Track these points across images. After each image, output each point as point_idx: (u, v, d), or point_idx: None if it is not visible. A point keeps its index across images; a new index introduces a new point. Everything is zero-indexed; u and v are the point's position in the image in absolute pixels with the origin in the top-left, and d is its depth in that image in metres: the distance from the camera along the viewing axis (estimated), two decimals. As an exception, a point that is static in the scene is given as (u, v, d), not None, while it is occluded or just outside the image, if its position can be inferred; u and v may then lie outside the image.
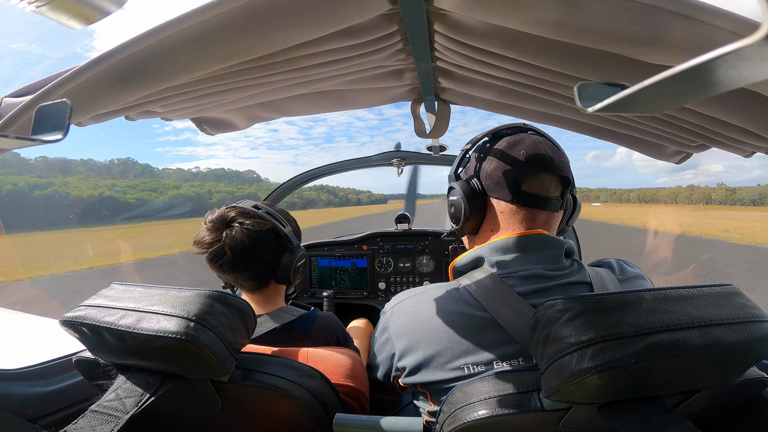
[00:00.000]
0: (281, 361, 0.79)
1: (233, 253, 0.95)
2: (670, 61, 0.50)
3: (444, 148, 1.76)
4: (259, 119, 1.15)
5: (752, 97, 0.62)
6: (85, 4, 0.37)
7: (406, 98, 1.04)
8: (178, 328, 0.65)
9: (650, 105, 0.30)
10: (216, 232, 0.96)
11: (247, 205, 1.02)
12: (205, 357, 0.66)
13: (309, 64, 0.75)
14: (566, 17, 0.49)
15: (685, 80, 0.23)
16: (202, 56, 0.60)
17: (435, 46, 0.73)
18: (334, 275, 2.15)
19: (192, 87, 0.78)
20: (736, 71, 0.21)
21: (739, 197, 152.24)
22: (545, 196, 0.83)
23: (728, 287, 0.61)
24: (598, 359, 0.52)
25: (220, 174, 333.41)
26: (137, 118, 0.93)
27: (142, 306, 0.70)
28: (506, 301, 0.74)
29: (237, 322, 0.74)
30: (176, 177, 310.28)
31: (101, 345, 0.73)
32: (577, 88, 0.35)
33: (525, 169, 0.82)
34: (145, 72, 0.60)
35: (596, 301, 0.57)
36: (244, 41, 0.58)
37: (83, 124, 0.81)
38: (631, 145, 1.04)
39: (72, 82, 0.57)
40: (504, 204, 0.85)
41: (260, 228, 0.98)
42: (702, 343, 0.52)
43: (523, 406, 0.62)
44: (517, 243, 0.81)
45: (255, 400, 0.77)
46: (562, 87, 0.76)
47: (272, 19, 0.54)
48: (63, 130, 0.44)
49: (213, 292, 0.72)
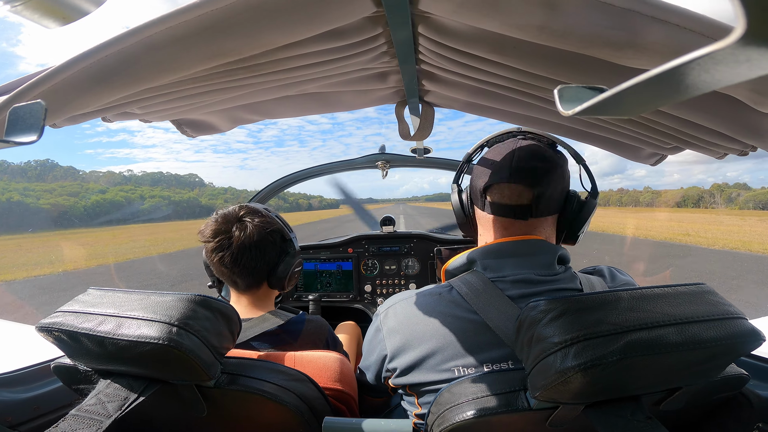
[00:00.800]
0: (268, 366, 0.78)
1: (239, 247, 0.98)
2: (647, 65, 0.52)
3: (428, 151, 1.77)
4: (242, 121, 1.13)
5: (724, 100, 0.64)
6: (62, 3, 0.36)
7: (391, 101, 1.05)
8: (160, 334, 0.63)
9: (627, 108, 0.31)
10: (226, 224, 0.99)
11: (257, 206, 1.07)
12: (189, 362, 0.65)
13: (293, 66, 0.75)
14: (549, 21, 0.50)
15: (660, 83, 0.24)
16: (183, 57, 0.59)
17: (419, 49, 0.74)
18: (320, 278, 2.13)
19: (173, 88, 0.76)
20: (709, 75, 0.21)
21: (665, 199, 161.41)
22: (511, 204, 0.83)
23: (702, 286, 0.63)
24: (581, 357, 0.53)
25: (157, 178, 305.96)
26: (115, 120, 0.91)
27: (122, 311, 0.68)
28: (496, 305, 0.75)
29: (221, 326, 0.72)
30: (106, 181, 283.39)
31: (80, 351, 0.71)
32: (557, 91, 0.36)
33: (489, 177, 0.84)
34: (124, 73, 0.59)
35: (577, 301, 0.59)
36: (227, 42, 0.57)
37: (58, 125, 0.78)
38: (609, 148, 1.07)
39: (47, 82, 0.55)
40: (482, 213, 0.88)
41: (269, 228, 1.02)
42: (679, 340, 0.54)
43: (510, 406, 0.63)
44: (509, 247, 0.82)
45: (242, 405, 0.76)
46: (543, 90, 0.77)
47: (256, 20, 0.54)
48: (37, 131, 0.43)
49: (196, 296, 0.71)
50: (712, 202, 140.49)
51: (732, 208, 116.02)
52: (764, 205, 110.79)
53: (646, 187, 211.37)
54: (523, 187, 0.82)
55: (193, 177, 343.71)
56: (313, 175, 2.15)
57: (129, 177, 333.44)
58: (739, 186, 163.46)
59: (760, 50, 0.17)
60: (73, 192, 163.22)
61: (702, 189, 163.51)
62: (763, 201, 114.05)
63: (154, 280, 11.31)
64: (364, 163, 2.04)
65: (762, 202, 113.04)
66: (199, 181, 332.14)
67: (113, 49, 0.55)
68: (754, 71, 0.20)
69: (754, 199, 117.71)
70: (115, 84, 0.60)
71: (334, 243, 2.15)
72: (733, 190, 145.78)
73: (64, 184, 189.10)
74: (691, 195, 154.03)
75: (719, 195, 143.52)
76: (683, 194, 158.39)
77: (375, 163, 2.01)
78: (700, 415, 0.83)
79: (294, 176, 2.14)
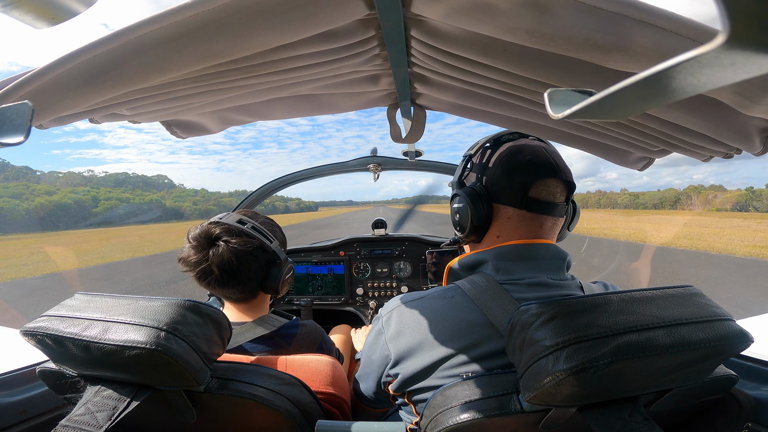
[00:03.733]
0: (260, 370, 0.77)
1: (221, 272, 0.95)
2: (635, 68, 0.53)
3: (420, 154, 1.78)
4: (233, 123, 1.12)
5: (710, 103, 0.65)
6: (51, 4, 0.36)
7: (382, 103, 1.05)
8: (148, 338, 0.62)
9: (615, 111, 0.31)
10: (202, 251, 0.95)
11: (231, 221, 1.00)
12: (177, 367, 0.64)
13: (285, 68, 0.74)
14: (539, 24, 0.50)
15: (647, 87, 0.24)
16: (173, 58, 0.58)
17: (411, 52, 0.74)
18: (312, 281, 2.12)
19: (163, 90, 0.76)
20: (695, 78, 0.22)
21: (642, 201, 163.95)
22: (552, 201, 0.83)
23: (690, 288, 0.64)
24: (573, 361, 0.53)
25: (121, 179, 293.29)
26: (103, 121, 0.89)
27: (109, 316, 0.67)
28: (505, 308, 0.73)
29: (211, 331, 0.72)
30: (64, 182, 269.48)
31: (65, 356, 0.69)
32: (547, 94, 0.37)
33: (532, 174, 0.82)
34: (113, 73, 0.58)
35: (568, 304, 0.59)
36: (218, 43, 0.57)
37: (44, 126, 0.77)
38: (597, 152, 1.08)
39: (34, 82, 0.54)
40: (512, 210, 0.84)
41: (247, 247, 0.97)
42: (669, 343, 0.54)
43: (503, 409, 0.63)
44: (525, 251, 0.81)
45: (232, 410, 0.75)
46: (533, 93, 0.78)
47: (247, 21, 0.54)
48: (24, 132, 0.43)
49: (185, 302, 0.70)
50: (689, 204, 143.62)
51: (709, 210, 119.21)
52: (741, 206, 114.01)
53: (622, 189, 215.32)
54: (563, 185, 0.84)
55: (162, 178, 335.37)
56: (305, 178, 2.15)
57: (89, 178, 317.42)
58: (715, 188, 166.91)
59: (743, 54, 0.18)
60: (17, 193, 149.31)
61: (678, 191, 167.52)
62: (741, 203, 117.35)
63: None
64: (355, 166, 2.04)
65: (739, 204, 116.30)
66: (169, 183, 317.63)
67: (102, 49, 0.54)
68: (738, 75, 0.20)
69: (731, 201, 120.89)
70: (103, 85, 0.59)
71: (326, 246, 2.15)
72: (709, 191, 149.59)
73: (9, 185, 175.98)
74: (668, 197, 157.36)
75: (696, 197, 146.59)
76: (661, 196, 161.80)
77: (367, 166, 2.01)
78: (690, 416, 0.84)
79: (285, 179, 2.13)
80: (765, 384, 0.83)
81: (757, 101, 0.52)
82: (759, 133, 0.70)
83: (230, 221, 1.00)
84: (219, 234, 0.96)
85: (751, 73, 0.20)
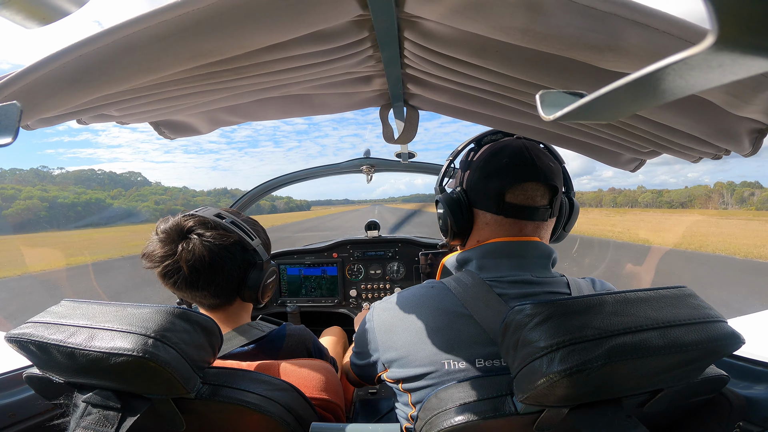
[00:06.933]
0: (252, 375, 0.76)
1: (190, 269, 0.84)
2: (626, 68, 0.53)
3: (413, 155, 1.78)
4: (224, 123, 1.11)
5: (700, 104, 0.66)
6: (42, 3, 0.35)
7: (375, 104, 1.05)
8: (135, 345, 0.61)
9: (606, 113, 0.31)
10: (170, 245, 0.85)
11: (208, 214, 0.91)
12: (165, 375, 0.63)
13: (276, 69, 0.74)
14: (531, 24, 0.50)
15: (637, 88, 0.24)
16: (162, 58, 0.57)
17: (405, 53, 0.74)
18: (305, 283, 2.11)
19: (152, 90, 0.75)
20: (684, 80, 0.22)
21: (667, 199, 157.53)
22: (531, 205, 0.81)
23: (683, 289, 0.64)
24: (567, 362, 0.53)
25: (87, 175, 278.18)
26: (91, 122, 0.88)
27: (95, 323, 0.66)
28: (487, 303, 0.75)
29: (201, 339, 0.70)
30: (27, 180, 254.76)
31: (50, 363, 0.68)
32: (539, 96, 0.37)
33: (508, 178, 0.80)
34: (101, 73, 0.57)
35: (562, 305, 0.59)
36: (208, 43, 0.56)
37: (31, 127, 0.76)
38: (589, 153, 1.09)
39: (18, 82, 0.53)
40: (489, 216, 0.84)
41: (223, 241, 0.87)
42: (662, 344, 0.55)
43: (497, 411, 0.63)
44: (508, 248, 0.81)
45: (224, 416, 0.74)
46: (525, 94, 0.78)
47: (238, 20, 0.53)
48: (12, 133, 0.43)
49: (173, 309, 0.68)
50: (721, 202, 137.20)
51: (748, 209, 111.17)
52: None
53: (639, 186, 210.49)
54: (545, 188, 0.81)
55: (134, 176, 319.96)
56: (299, 179, 2.14)
57: (43, 175, 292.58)
58: (749, 185, 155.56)
59: (731, 56, 0.18)
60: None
61: (709, 188, 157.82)
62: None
63: None
64: (349, 167, 2.05)
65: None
66: (142, 180, 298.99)
67: (89, 49, 0.53)
68: (726, 77, 0.20)
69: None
70: (90, 84, 0.58)
71: (319, 248, 2.14)
72: (744, 189, 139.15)
73: None
74: (697, 194, 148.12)
75: (728, 194, 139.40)
76: (689, 193, 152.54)
77: (360, 167, 2.02)
78: (682, 416, 0.84)
79: (277, 181, 2.12)
80: (756, 383, 0.84)
81: (748, 101, 0.53)
82: (748, 134, 0.71)
83: (206, 214, 0.90)
84: (192, 227, 0.86)
85: (738, 75, 0.20)
